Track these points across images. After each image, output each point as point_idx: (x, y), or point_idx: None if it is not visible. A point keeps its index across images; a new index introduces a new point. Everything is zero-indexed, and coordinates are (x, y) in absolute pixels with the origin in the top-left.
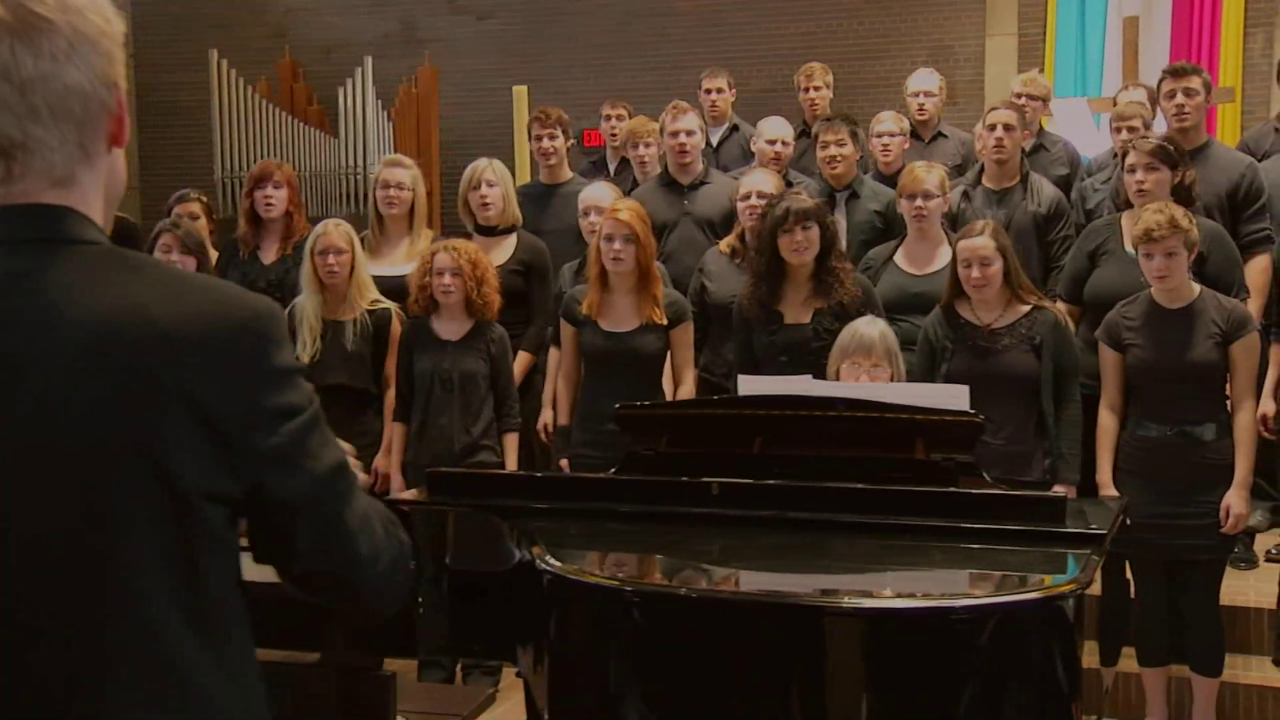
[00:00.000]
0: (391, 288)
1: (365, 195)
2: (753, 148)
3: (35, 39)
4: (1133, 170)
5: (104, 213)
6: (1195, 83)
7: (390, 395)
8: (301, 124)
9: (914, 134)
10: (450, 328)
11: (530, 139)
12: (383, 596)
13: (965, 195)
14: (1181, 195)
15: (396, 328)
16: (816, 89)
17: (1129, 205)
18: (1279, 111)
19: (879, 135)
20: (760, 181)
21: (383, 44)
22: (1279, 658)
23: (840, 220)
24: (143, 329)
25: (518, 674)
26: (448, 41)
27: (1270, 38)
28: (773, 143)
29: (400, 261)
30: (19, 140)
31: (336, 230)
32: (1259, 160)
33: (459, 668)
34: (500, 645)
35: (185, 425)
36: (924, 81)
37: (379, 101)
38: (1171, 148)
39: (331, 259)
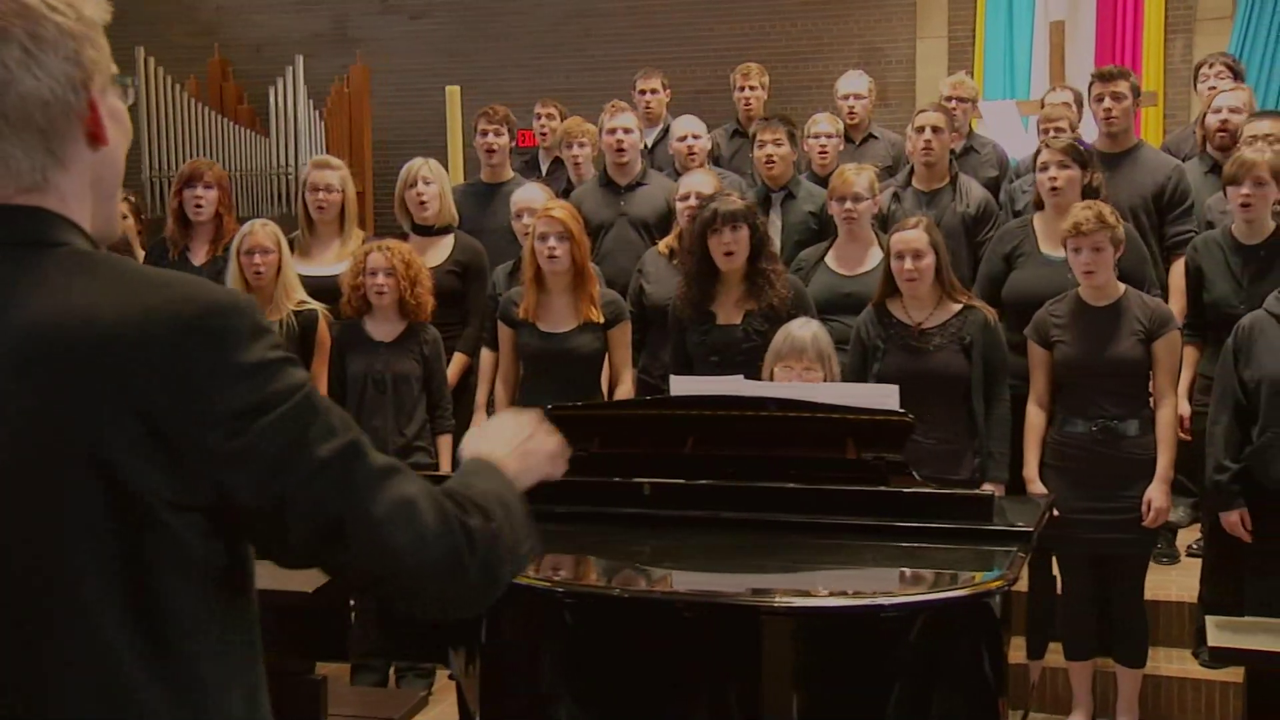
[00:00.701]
0: (323, 289)
1: (297, 195)
2: (670, 149)
3: None
4: (1045, 168)
5: (94, 210)
6: (1123, 87)
7: None
8: (231, 123)
9: (845, 136)
10: (383, 329)
11: (476, 134)
12: (439, 590)
13: (895, 196)
14: (1090, 196)
15: (323, 329)
16: (752, 89)
17: (1042, 206)
18: (1198, 115)
19: (814, 136)
20: (699, 182)
21: (314, 43)
22: (1199, 650)
23: (776, 220)
24: (84, 330)
25: (450, 676)
26: (380, 41)
27: (1190, 43)
28: (683, 139)
29: (331, 262)
30: None
31: (263, 230)
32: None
33: (392, 671)
34: (433, 648)
35: (132, 431)
36: (853, 84)
37: (310, 101)
38: (1080, 149)
39: (257, 259)
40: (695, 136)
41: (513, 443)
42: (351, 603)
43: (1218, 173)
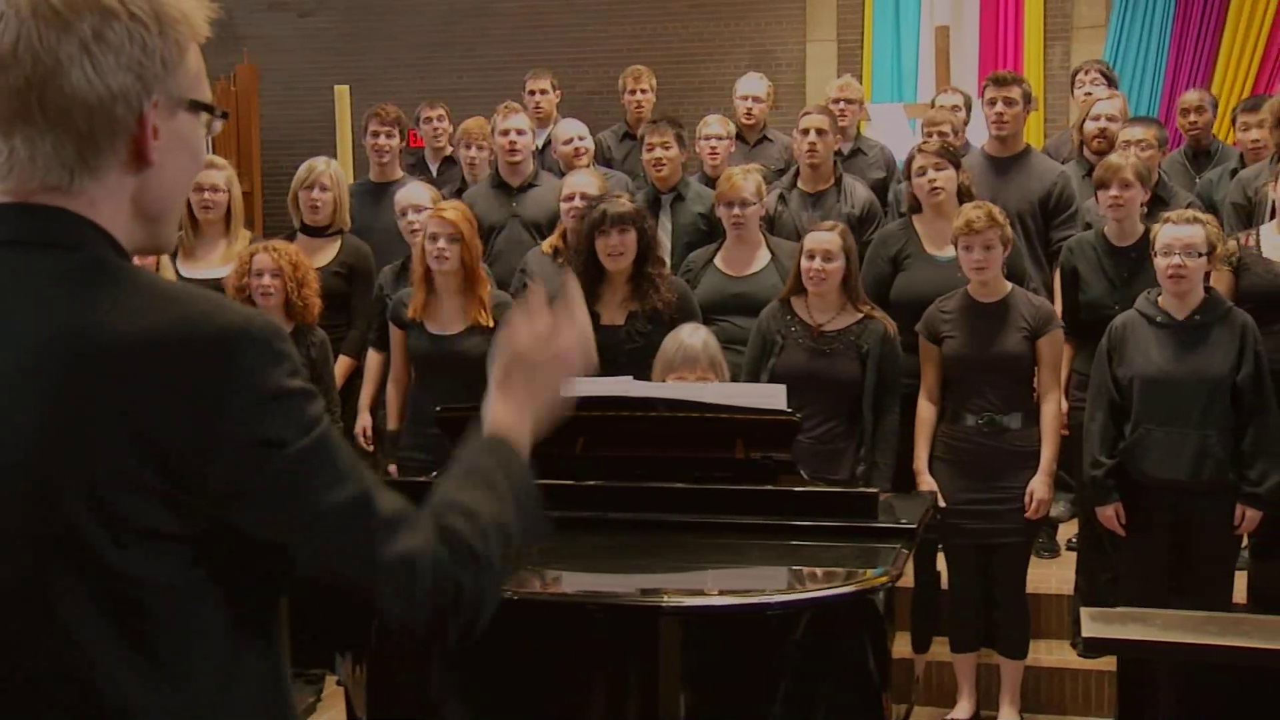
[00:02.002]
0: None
1: None
2: (554, 154)
3: (50, 36)
4: (922, 171)
5: (134, 226)
6: (1015, 93)
7: None
8: None
9: (740, 138)
10: None
11: (367, 135)
12: (411, 638)
13: (781, 198)
14: (963, 196)
15: None
16: (642, 91)
17: (917, 209)
18: (1076, 120)
19: (706, 138)
20: (583, 182)
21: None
22: (1076, 641)
23: (665, 222)
24: (88, 346)
25: (338, 682)
26: (267, 39)
27: (1068, 50)
28: (568, 142)
29: (217, 264)
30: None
31: None
32: None
33: None
34: (321, 653)
35: (133, 456)
36: (751, 86)
37: None
38: (953, 148)
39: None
40: (580, 139)
41: (532, 392)
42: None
43: (1093, 176)
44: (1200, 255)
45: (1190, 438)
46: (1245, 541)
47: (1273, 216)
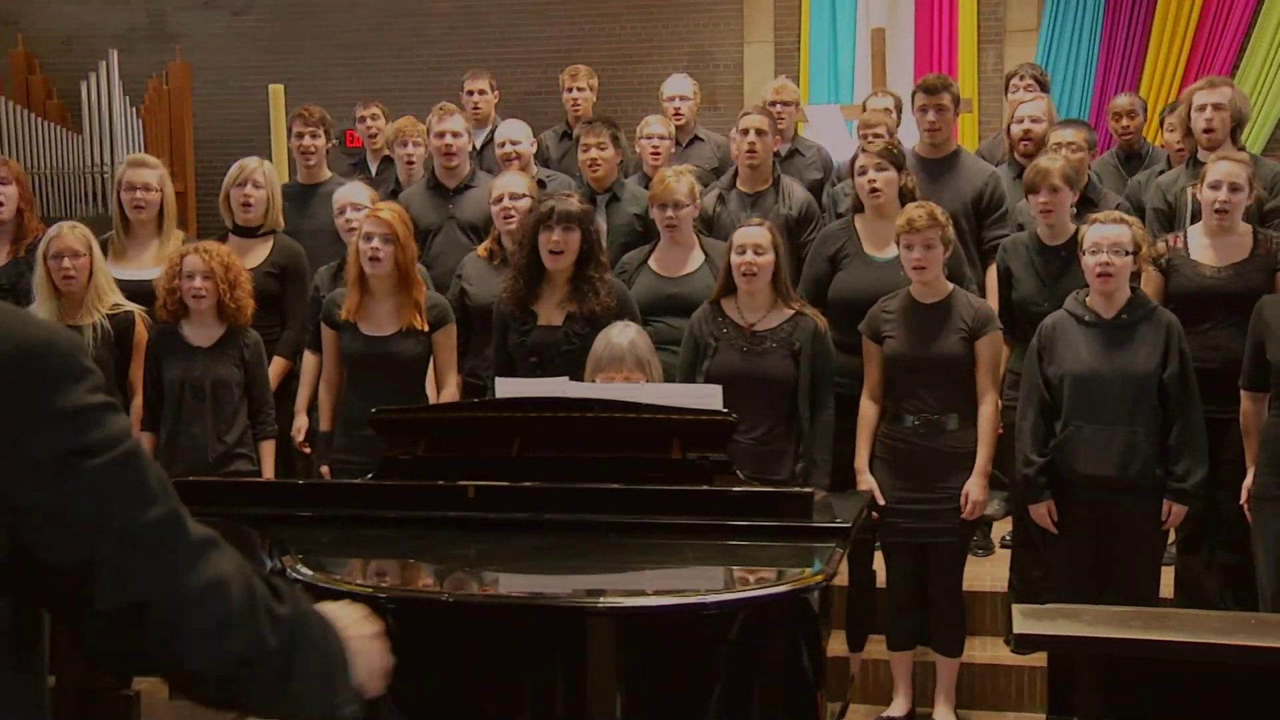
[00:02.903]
0: (140, 292)
1: (113, 195)
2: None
3: None
4: (864, 171)
5: None
6: (945, 99)
7: (136, 404)
8: (39, 119)
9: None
10: (201, 333)
11: (290, 137)
12: (221, 677)
13: (720, 198)
14: (906, 197)
15: (141, 332)
16: (580, 90)
17: (860, 209)
18: (1006, 123)
19: (646, 138)
20: (511, 183)
21: (129, 37)
22: (1009, 637)
23: (601, 223)
24: None
25: None
26: (200, 37)
27: (1000, 53)
28: (501, 144)
29: (149, 265)
30: None
31: (72, 233)
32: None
33: None
34: None
35: None
36: (678, 87)
37: (127, 97)
38: (896, 150)
39: (67, 263)
40: (514, 143)
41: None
42: None
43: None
44: (1127, 254)
45: (1119, 435)
46: (1172, 537)
47: (1193, 220)
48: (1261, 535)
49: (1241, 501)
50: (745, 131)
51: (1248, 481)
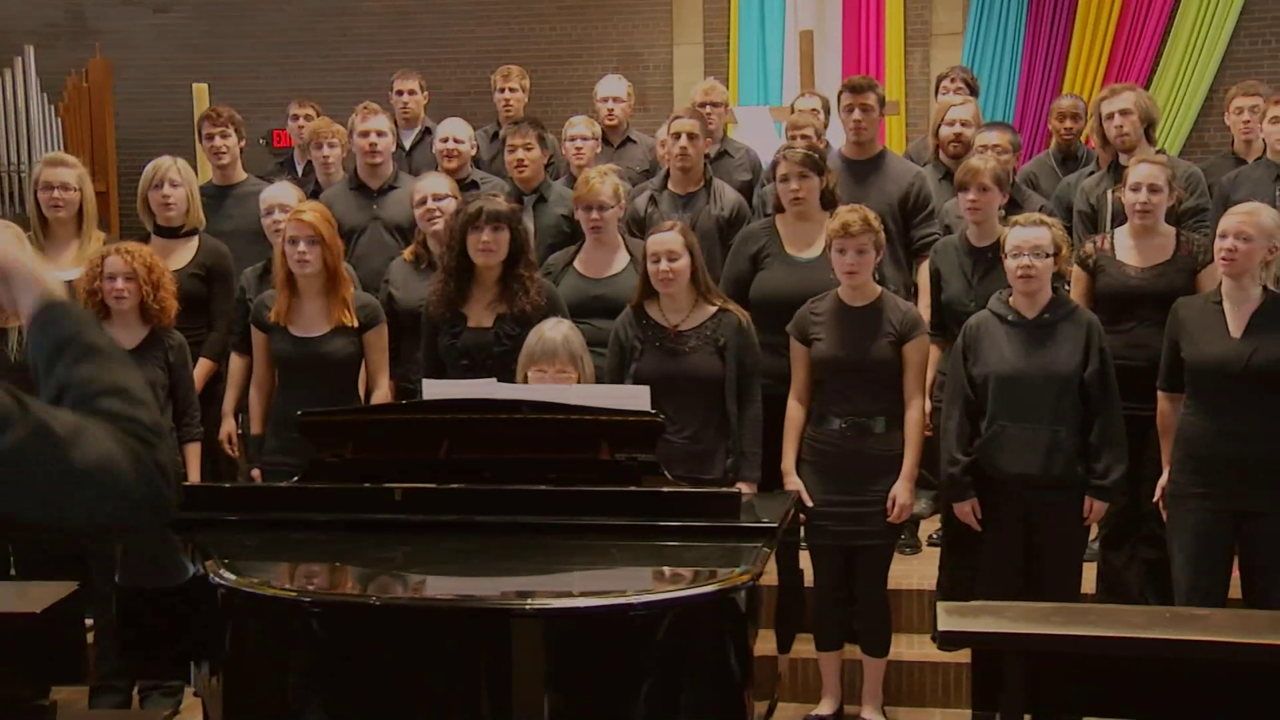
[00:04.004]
0: None
1: (30, 194)
2: (433, 150)
3: None
4: (786, 179)
5: None
6: (871, 99)
7: None
8: None
9: (603, 139)
10: (123, 336)
11: (200, 138)
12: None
13: (652, 200)
14: (827, 199)
15: None
16: (512, 90)
17: (781, 209)
18: (933, 124)
19: (571, 139)
20: (434, 185)
21: (47, 33)
22: (936, 635)
23: (528, 224)
24: None
25: (195, 693)
26: (121, 34)
27: (927, 56)
28: (445, 140)
29: (68, 265)
30: None
31: (5, 232)
32: None
33: (136, 691)
34: (175, 664)
35: None
36: (612, 88)
37: (44, 95)
38: (816, 155)
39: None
40: (458, 140)
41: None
42: (89, 622)
43: (950, 179)
44: (1047, 256)
45: (1041, 433)
46: (1094, 533)
47: (1114, 222)
48: (1176, 532)
49: (1156, 499)
50: (677, 135)
51: (1163, 480)
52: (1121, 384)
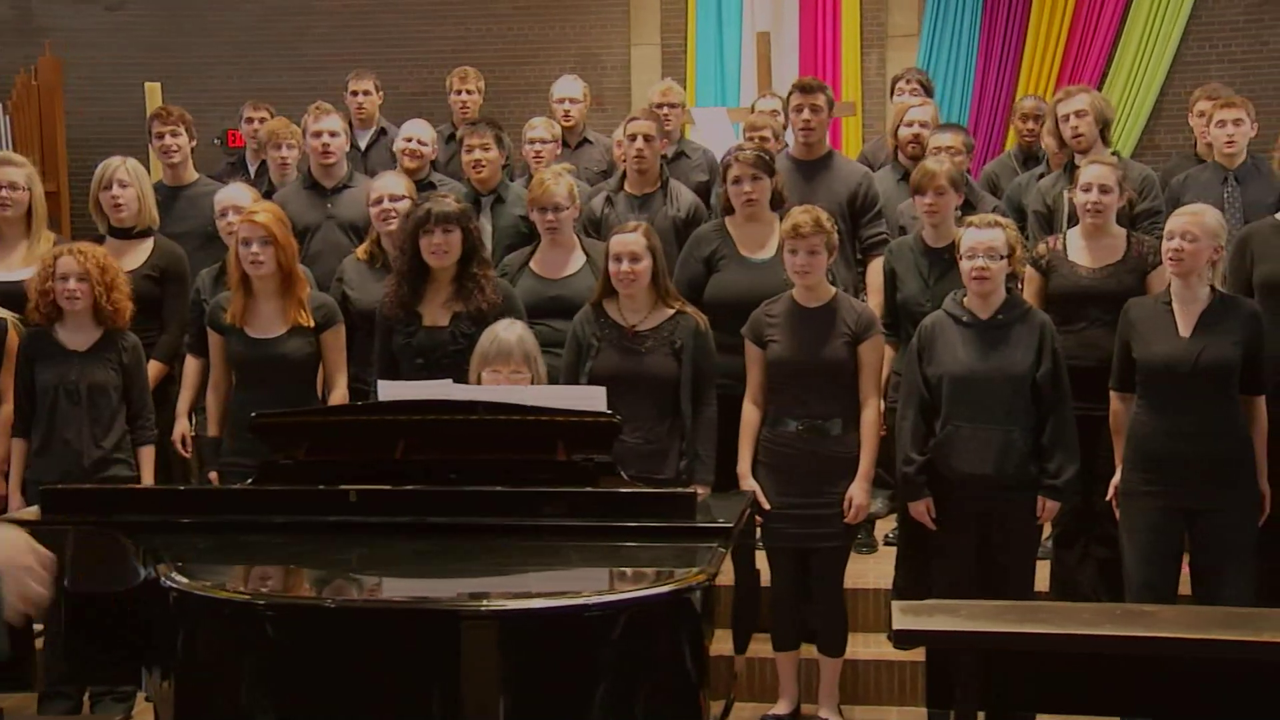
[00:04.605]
0: (9, 294)
1: None
2: (393, 149)
3: None
4: (738, 181)
5: None
6: (820, 99)
7: (7, 410)
8: None
9: (561, 140)
10: (77, 337)
11: (150, 137)
12: None
13: (608, 201)
14: (776, 200)
15: (13, 337)
16: (469, 92)
17: (732, 210)
18: (891, 126)
19: (531, 141)
20: (390, 185)
21: None
22: (892, 634)
23: (485, 225)
24: None
25: (147, 698)
26: (72, 31)
27: (883, 57)
28: (409, 140)
29: (17, 266)
30: None
31: None
32: (875, 170)
33: (87, 697)
34: (126, 669)
35: None
36: (568, 89)
37: None
38: (767, 157)
39: None
40: (422, 142)
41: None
42: (38, 628)
43: (909, 180)
44: (1001, 257)
45: (995, 433)
46: (1048, 532)
47: (1070, 222)
48: (1129, 530)
49: (1109, 498)
50: (633, 137)
51: (1116, 479)
52: (1073, 384)
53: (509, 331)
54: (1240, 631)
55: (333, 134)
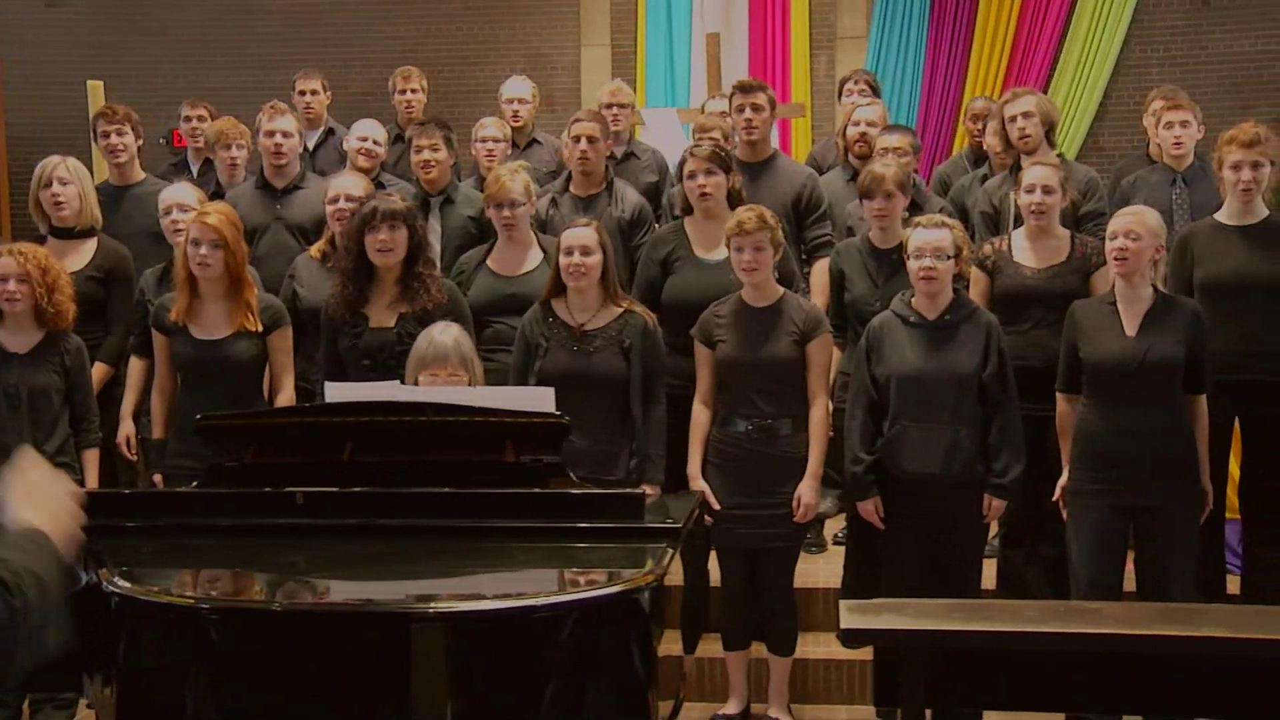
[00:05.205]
0: None
1: None
2: (345, 147)
3: None
4: (693, 176)
5: None
6: (761, 99)
7: None
8: None
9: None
10: (17, 340)
11: (96, 137)
12: None
13: (553, 202)
14: (734, 199)
15: None
16: (413, 91)
17: (690, 211)
18: (840, 127)
19: (482, 140)
20: (348, 184)
21: None
22: (841, 632)
23: (435, 225)
24: None
25: (89, 705)
26: (11, 28)
27: (832, 59)
28: (364, 139)
29: None
30: None
31: None
32: (823, 172)
33: (26, 704)
34: (66, 675)
35: None
36: (516, 89)
37: None
38: (724, 153)
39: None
40: (376, 142)
41: (55, 507)
42: None
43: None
44: (948, 258)
45: (942, 433)
46: (995, 530)
47: (1016, 223)
48: (1076, 527)
49: (1055, 498)
50: (577, 139)
51: (1063, 480)
52: (1018, 384)
53: (445, 334)
54: (1181, 627)
55: (286, 134)
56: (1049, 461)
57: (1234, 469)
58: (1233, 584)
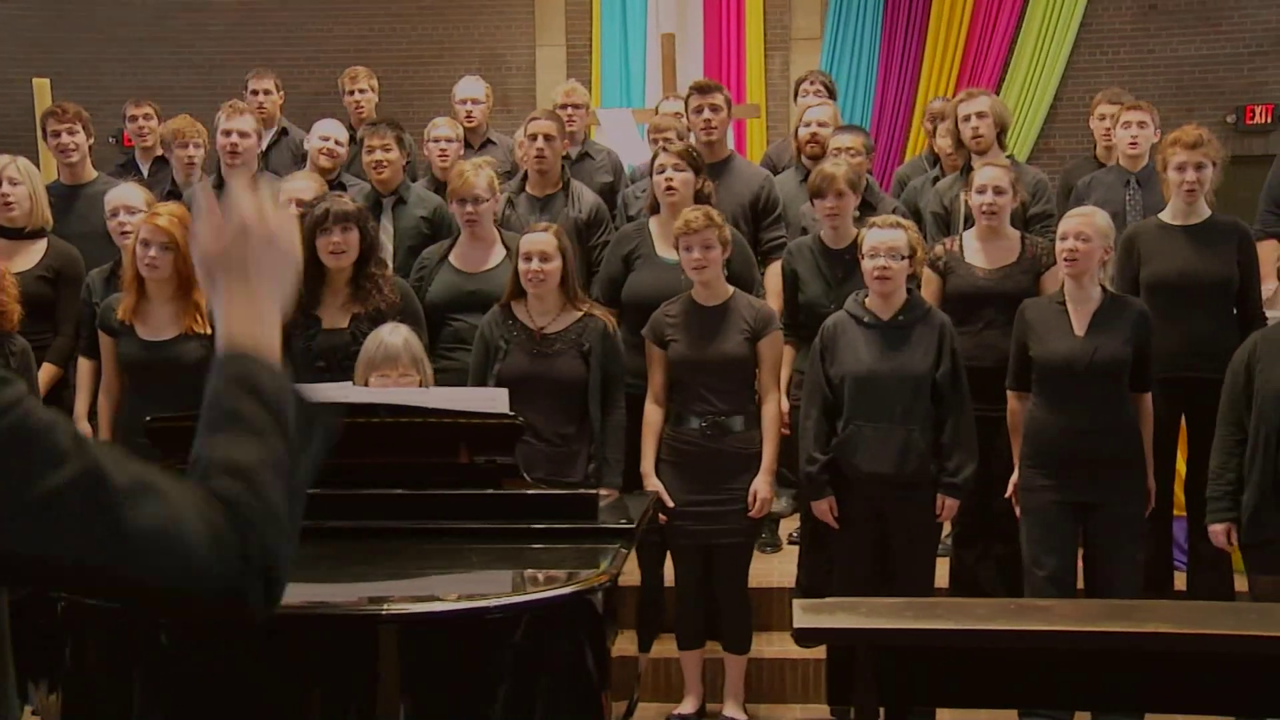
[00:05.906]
0: None
1: None
2: (306, 147)
3: None
4: (662, 170)
5: None
6: (718, 99)
7: None
8: None
9: (464, 141)
10: None
11: (46, 135)
12: (215, 614)
13: (510, 202)
14: (701, 200)
15: None
16: (362, 91)
17: (657, 211)
18: (794, 127)
19: (435, 140)
20: (300, 188)
21: None
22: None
23: (387, 226)
24: None
25: (34, 712)
26: None
27: (787, 60)
28: (326, 139)
29: None
30: None
31: None
32: (778, 173)
33: None
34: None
35: None
36: (470, 89)
37: None
38: (696, 154)
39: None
40: (339, 143)
41: (249, 285)
42: None
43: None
44: (903, 258)
45: (896, 433)
46: (947, 529)
47: (967, 224)
48: (1028, 524)
49: (1008, 494)
50: (534, 137)
51: (1014, 478)
52: (970, 385)
53: (394, 335)
54: (1129, 623)
55: (243, 134)
56: (999, 461)
57: (1180, 466)
58: (1179, 580)
